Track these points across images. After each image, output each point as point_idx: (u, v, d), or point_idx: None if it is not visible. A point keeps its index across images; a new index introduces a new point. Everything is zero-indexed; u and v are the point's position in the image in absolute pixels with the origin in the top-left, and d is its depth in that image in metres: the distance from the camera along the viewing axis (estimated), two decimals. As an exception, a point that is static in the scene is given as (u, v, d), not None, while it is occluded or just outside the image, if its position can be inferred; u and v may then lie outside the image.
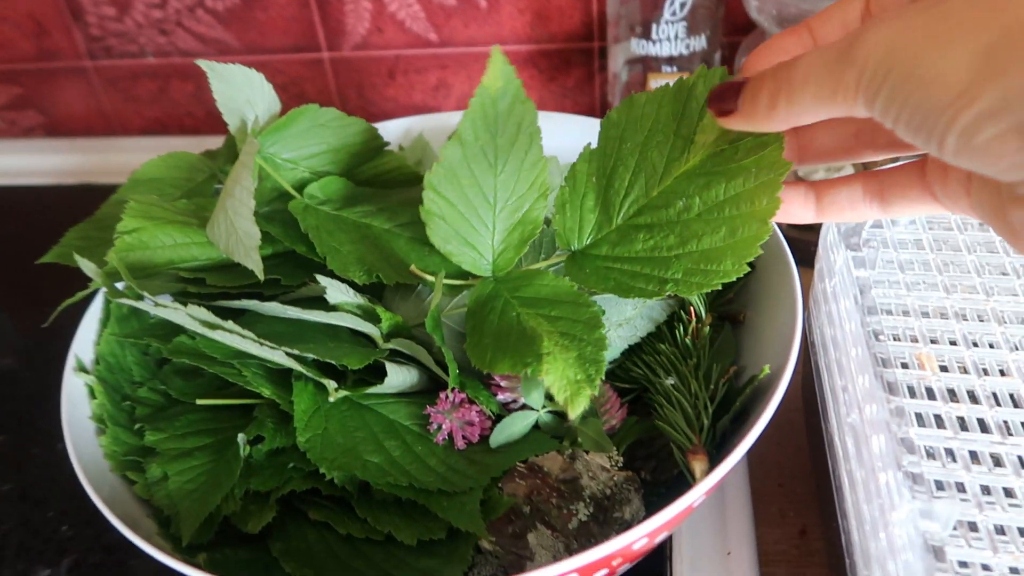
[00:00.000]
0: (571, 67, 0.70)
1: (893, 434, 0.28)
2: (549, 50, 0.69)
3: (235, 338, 0.31)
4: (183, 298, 0.35)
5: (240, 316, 0.35)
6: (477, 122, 0.32)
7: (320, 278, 0.33)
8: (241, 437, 0.32)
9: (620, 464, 0.33)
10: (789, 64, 0.24)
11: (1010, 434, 0.28)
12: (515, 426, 0.33)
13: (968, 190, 0.24)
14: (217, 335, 0.31)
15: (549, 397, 0.34)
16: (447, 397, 0.33)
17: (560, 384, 0.28)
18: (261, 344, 0.31)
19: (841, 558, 0.30)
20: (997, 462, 0.28)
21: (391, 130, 0.49)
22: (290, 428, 0.32)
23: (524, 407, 0.34)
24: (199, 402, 0.34)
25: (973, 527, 0.26)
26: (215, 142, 0.77)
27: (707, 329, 0.36)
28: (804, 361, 0.41)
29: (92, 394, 0.35)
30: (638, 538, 0.26)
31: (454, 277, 0.37)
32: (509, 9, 0.67)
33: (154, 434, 0.33)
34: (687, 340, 0.35)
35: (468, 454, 0.33)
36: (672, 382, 0.33)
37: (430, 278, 0.35)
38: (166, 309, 0.31)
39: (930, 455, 0.28)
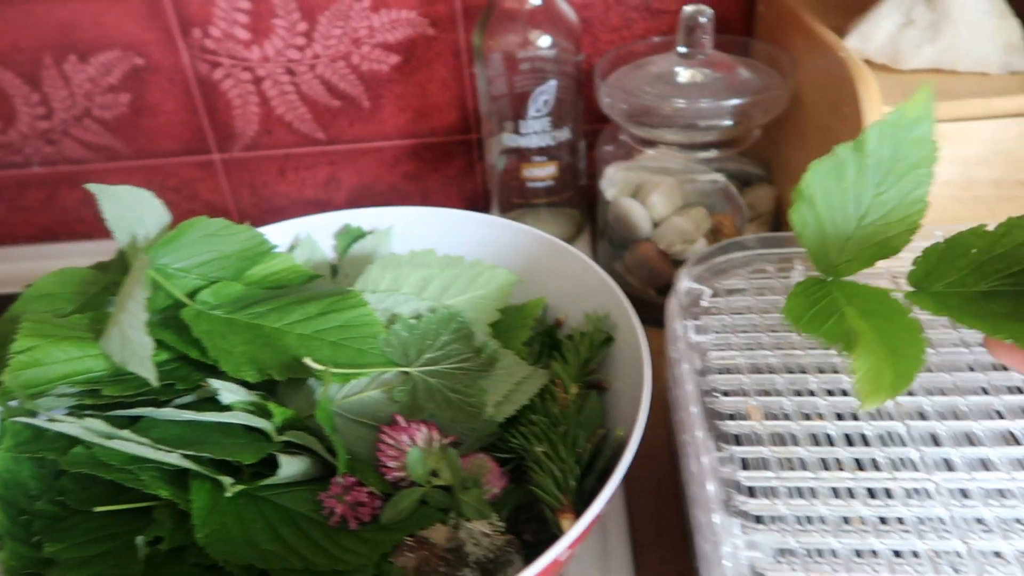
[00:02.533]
0: (452, 158, 0.75)
1: (721, 478, 0.32)
2: (431, 143, 0.75)
3: (131, 445, 0.33)
4: (79, 410, 0.37)
5: (137, 422, 0.37)
6: (884, 136, 0.33)
7: (211, 381, 0.36)
8: (140, 539, 0.34)
9: (502, 529, 0.36)
10: None
11: (826, 469, 0.33)
12: (403, 502, 0.36)
13: None
14: (114, 444, 0.33)
15: (434, 473, 0.37)
16: (338, 482, 0.36)
17: (866, 373, 0.28)
18: (157, 449, 0.33)
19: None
20: (814, 494, 0.33)
21: (283, 231, 0.52)
22: (189, 526, 0.34)
23: (412, 484, 0.37)
24: (97, 509, 0.35)
25: (792, 553, 0.30)
26: (108, 247, 0.79)
27: (573, 398, 0.40)
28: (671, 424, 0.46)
29: (-11, 511, 0.36)
30: (510, 594, 0.29)
31: (344, 367, 0.40)
32: (391, 108, 0.73)
33: (53, 545, 0.34)
34: (555, 410, 0.39)
35: (360, 533, 0.35)
36: (542, 449, 0.37)
37: (320, 368, 0.38)
38: (63, 424, 0.33)
39: (755, 494, 0.33)
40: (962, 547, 0.30)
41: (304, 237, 0.52)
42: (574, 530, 0.31)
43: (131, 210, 0.43)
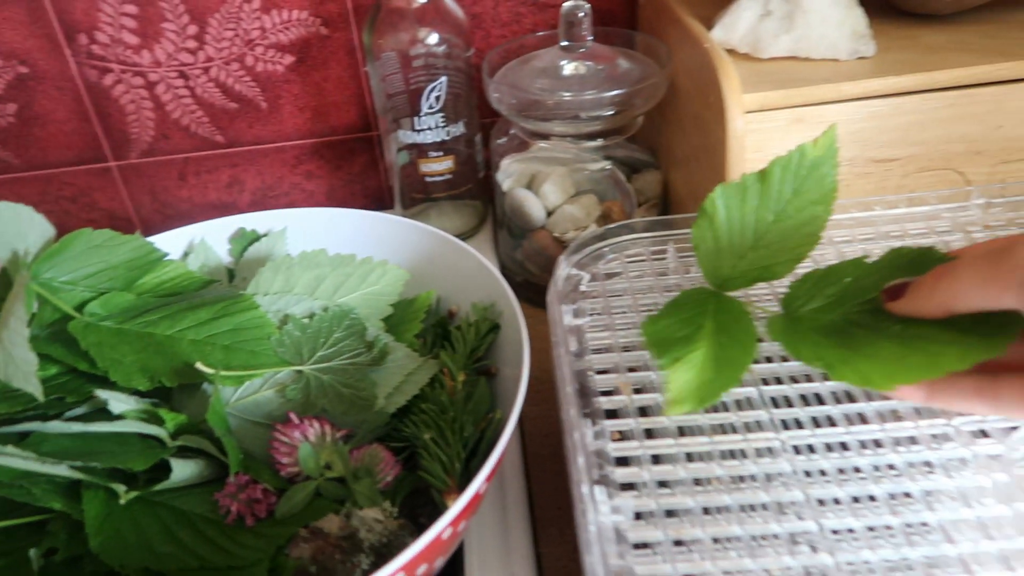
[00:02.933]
0: (355, 155, 0.76)
1: (593, 451, 0.35)
2: (332, 142, 0.75)
3: (17, 460, 0.34)
4: (-35, 429, 0.37)
5: (27, 437, 0.37)
6: (786, 173, 0.35)
7: (99, 392, 0.37)
8: (33, 552, 0.34)
9: (394, 514, 0.38)
10: (950, 263, 0.29)
11: (683, 436, 0.36)
12: (297, 496, 0.37)
13: None
14: (1, 460, 0.33)
15: (328, 466, 0.39)
16: (232, 482, 0.37)
17: (676, 390, 0.30)
18: (43, 462, 0.34)
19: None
20: (674, 460, 0.35)
21: (178, 237, 0.53)
22: (83, 536, 0.35)
23: (307, 478, 0.39)
24: (-11, 525, 0.36)
25: (650, 514, 0.33)
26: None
27: (461, 386, 0.42)
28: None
29: None
30: (394, 572, 0.31)
31: (238, 369, 0.42)
32: (289, 109, 0.73)
33: (-55, 564, 0.35)
34: (443, 398, 0.41)
35: (256, 529, 0.37)
36: (430, 436, 0.39)
37: (211, 372, 0.39)
38: (-56, 443, 0.33)
39: (626, 463, 0.35)
40: (801, 496, 0.33)
41: (198, 243, 0.52)
42: (454, 508, 0.33)
43: (10, 226, 0.43)
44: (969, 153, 0.53)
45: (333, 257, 0.48)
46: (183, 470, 0.37)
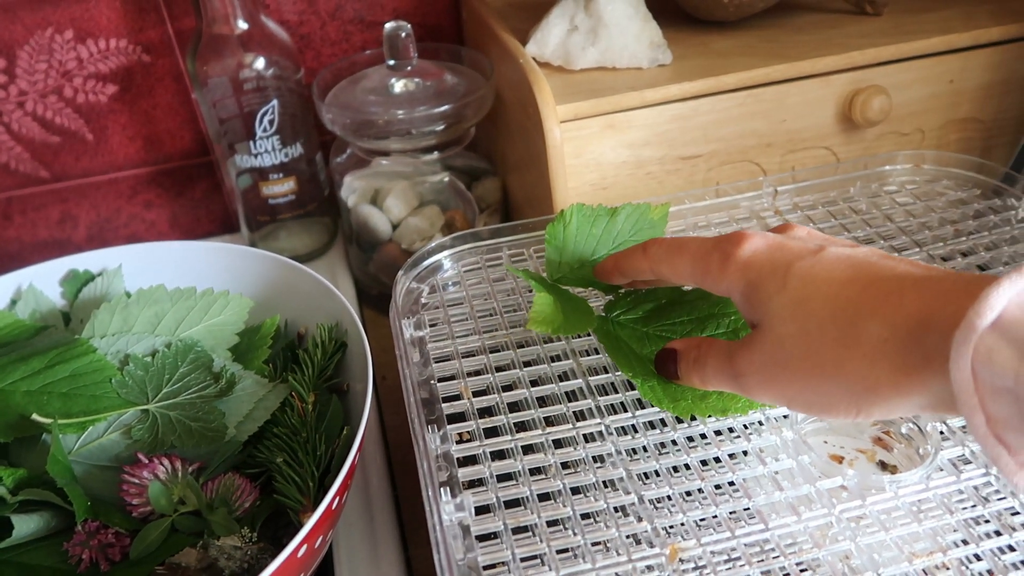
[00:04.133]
0: (195, 181, 0.75)
1: (438, 455, 0.37)
2: (169, 168, 0.74)
3: None
4: None
5: None
6: (630, 217, 0.45)
7: (-74, 457, 0.35)
8: None
9: (253, 539, 0.39)
10: (701, 362, 0.36)
11: (519, 432, 0.40)
12: (151, 535, 0.38)
13: None
14: None
15: (182, 501, 0.40)
16: (81, 530, 0.37)
17: (539, 309, 0.39)
18: None
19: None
20: (510, 454, 0.39)
21: (3, 284, 0.51)
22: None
23: (162, 516, 0.39)
24: None
25: (490, 508, 0.36)
26: None
27: (311, 407, 0.43)
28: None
29: None
30: (249, 596, 0.33)
31: (80, 416, 0.41)
32: (118, 138, 0.71)
33: None
34: (294, 420, 0.43)
35: (112, 573, 0.37)
36: (283, 459, 0.40)
37: (48, 421, 0.39)
38: None
39: (468, 462, 0.38)
40: (624, 473, 0.37)
41: (26, 288, 0.51)
42: (306, 525, 0.35)
43: None
44: (761, 146, 0.59)
45: (173, 291, 0.48)
46: (25, 525, 0.37)
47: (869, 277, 0.30)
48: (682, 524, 0.36)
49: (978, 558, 0.34)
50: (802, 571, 0.34)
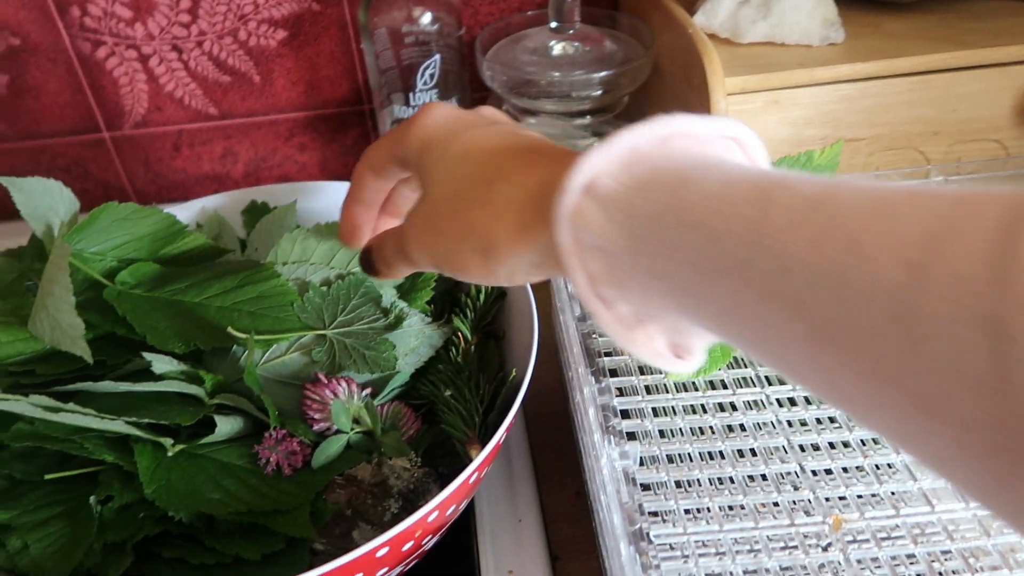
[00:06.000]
0: (347, 128, 0.79)
1: (600, 405, 0.39)
2: (325, 115, 0.77)
3: (77, 417, 0.36)
4: (16, 390, 0.39)
5: (74, 397, 0.40)
6: (792, 168, 0.41)
7: (145, 355, 0.39)
8: (92, 499, 0.37)
9: (419, 463, 0.42)
10: (381, 246, 0.37)
11: (679, 392, 0.41)
12: (331, 448, 0.41)
13: None
14: (60, 417, 0.36)
15: (356, 421, 0.43)
16: (271, 435, 0.40)
17: None
18: (102, 418, 0.37)
19: (591, 503, 0.41)
20: (669, 412, 0.40)
21: (188, 210, 0.55)
22: (135, 484, 0.38)
23: (337, 432, 0.42)
24: (48, 477, 0.38)
25: (654, 460, 0.37)
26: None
27: (473, 348, 0.46)
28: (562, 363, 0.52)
29: (-61, 488, 0.39)
30: (429, 512, 0.35)
31: (264, 334, 0.44)
32: (282, 82, 0.75)
33: (6, 512, 0.38)
34: (458, 359, 0.45)
35: (295, 477, 0.40)
36: (449, 393, 0.43)
37: (244, 336, 0.42)
38: (8, 402, 0.36)
39: (627, 416, 0.40)
40: (785, 442, 0.38)
41: (211, 214, 0.55)
42: (482, 455, 0.37)
43: (42, 200, 0.45)
44: (928, 134, 0.58)
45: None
46: (225, 425, 0.40)
47: (518, 146, 0.30)
48: (842, 498, 0.36)
49: None
50: (968, 557, 0.34)
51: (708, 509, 0.36)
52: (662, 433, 0.39)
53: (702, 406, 0.40)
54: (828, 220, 0.19)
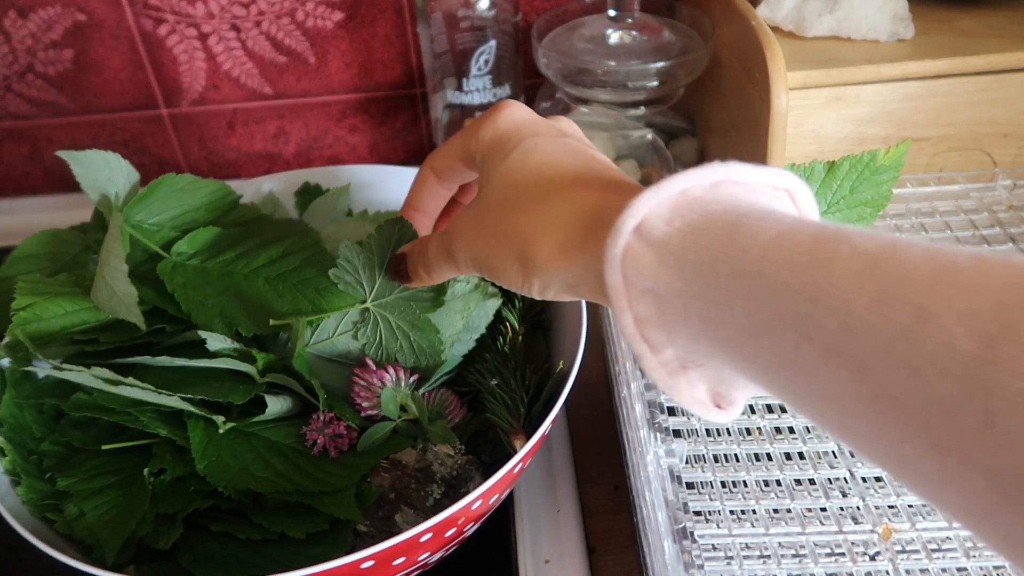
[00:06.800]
0: (398, 111, 0.79)
1: (646, 401, 0.39)
2: (377, 97, 0.78)
3: (135, 390, 0.37)
4: (79, 359, 0.40)
5: (131, 370, 0.41)
6: (853, 170, 0.41)
7: (200, 332, 0.40)
8: (146, 471, 0.38)
9: (463, 450, 0.42)
10: (423, 251, 0.37)
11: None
12: (377, 433, 0.41)
13: None
14: (119, 390, 0.37)
15: (403, 408, 0.43)
16: (319, 417, 0.41)
17: None
18: (159, 393, 0.37)
19: (633, 498, 0.41)
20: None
21: (241, 189, 0.56)
22: (187, 459, 0.39)
23: (384, 418, 0.43)
24: (104, 447, 0.40)
25: (700, 459, 0.37)
26: (55, 201, 0.81)
27: (520, 338, 0.46)
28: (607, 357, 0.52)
29: (2, 452, 0.40)
30: (473, 500, 0.35)
31: (306, 310, 0.45)
32: (336, 64, 0.75)
33: (65, 479, 0.39)
34: (505, 348, 0.45)
35: (340, 460, 0.41)
36: (495, 382, 0.43)
37: (285, 322, 0.42)
38: (72, 372, 0.37)
39: (674, 412, 0.39)
40: (835, 447, 0.37)
41: (266, 192, 0.56)
42: (526, 447, 0.37)
43: (101, 172, 0.46)
44: (997, 135, 0.56)
45: (386, 214, 0.51)
46: (275, 404, 0.41)
47: (578, 164, 0.31)
48: (891, 507, 0.36)
49: None
50: (1020, 573, 0.33)
51: (754, 511, 0.35)
52: (709, 432, 0.38)
53: (751, 407, 0.39)
54: (893, 280, 0.19)
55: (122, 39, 0.72)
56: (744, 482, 0.36)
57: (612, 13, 0.63)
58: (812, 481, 0.36)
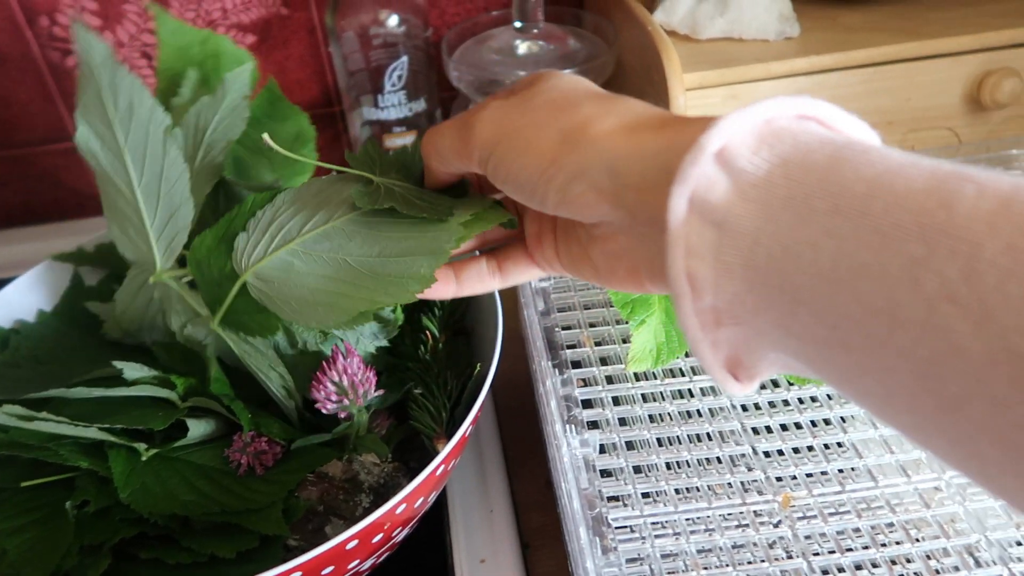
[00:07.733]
0: (319, 131, 0.79)
1: (561, 396, 0.40)
2: (296, 117, 0.78)
3: (51, 425, 0.37)
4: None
5: (47, 404, 0.41)
6: None
7: (116, 363, 0.40)
8: (68, 504, 0.38)
9: (389, 458, 0.43)
10: (439, 129, 0.33)
11: (639, 380, 0.42)
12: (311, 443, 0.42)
13: (558, 253, 0.33)
14: (34, 425, 0.37)
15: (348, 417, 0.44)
16: (240, 438, 0.42)
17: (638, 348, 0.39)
18: (76, 425, 0.38)
19: (555, 490, 0.42)
20: (629, 400, 0.41)
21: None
22: (110, 489, 0.39)
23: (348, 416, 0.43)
24: (23, 484, 0.39)
25: (614, 447, 0.39)
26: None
27: (441, 345, 0.47)
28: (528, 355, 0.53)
29: (-81, 497, 0.39)
30: (396, 504, 0.36)
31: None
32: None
33: (-16, 520, 0.39)
34: (427, 356, 0.46)
35: (267, 476, 0.41)
36: (419, 391, 0.44)
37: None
38: (-18, 412, 0.37)
39: (587, 405, 0.41)
40: (739, 426, 0.40)
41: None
42: (446, 449, 0.38)
43: None
44: (883, 123, 0.59)
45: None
46: (197, 428, 0.41)
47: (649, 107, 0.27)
48: (792, 477, 0.38)
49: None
50: (909, 528, 0.36)
51: (664, 492, 0.37)
52: (622, 421, 0.40)
53: (660, 394, 0.41)
54: None
55: (29, 72, 0.71)
56: (655, 465, 0.38)
57: (518, 24, 0.64)
58: (719, 460, 0.38)
